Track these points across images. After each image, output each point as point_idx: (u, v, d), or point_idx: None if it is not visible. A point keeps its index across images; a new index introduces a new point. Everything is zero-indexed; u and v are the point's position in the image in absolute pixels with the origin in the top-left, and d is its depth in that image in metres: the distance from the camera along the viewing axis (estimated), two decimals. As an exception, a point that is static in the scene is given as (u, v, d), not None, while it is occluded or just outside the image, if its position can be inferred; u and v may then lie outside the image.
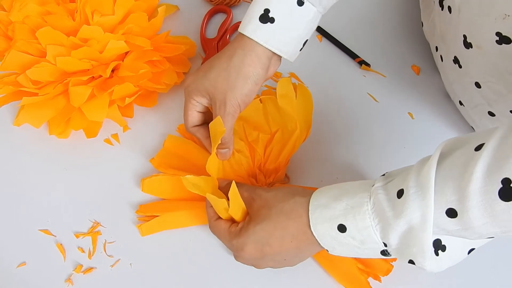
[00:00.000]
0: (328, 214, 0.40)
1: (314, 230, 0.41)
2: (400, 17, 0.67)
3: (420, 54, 0.64)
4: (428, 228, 0.35)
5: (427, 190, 0.35)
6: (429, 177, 0.35)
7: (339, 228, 0.39)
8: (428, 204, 0.35)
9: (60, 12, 0.57)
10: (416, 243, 0.36)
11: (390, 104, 0.60)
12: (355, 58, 0.63)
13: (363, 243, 0.39)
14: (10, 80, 0.56)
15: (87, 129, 0.57)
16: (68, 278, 0.51)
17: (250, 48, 0.46)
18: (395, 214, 0.36)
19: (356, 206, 0.39)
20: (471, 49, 0.47)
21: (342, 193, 0.41)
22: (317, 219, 0.41)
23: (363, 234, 0.39)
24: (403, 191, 0.36)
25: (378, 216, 0.38)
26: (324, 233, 0.41)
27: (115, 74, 0.58)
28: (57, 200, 0.55)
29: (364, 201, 0.39)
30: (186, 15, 0.67)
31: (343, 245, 0.40)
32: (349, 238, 0.39)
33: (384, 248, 0.39)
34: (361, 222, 0.38)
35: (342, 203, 0.40)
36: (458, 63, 0.51)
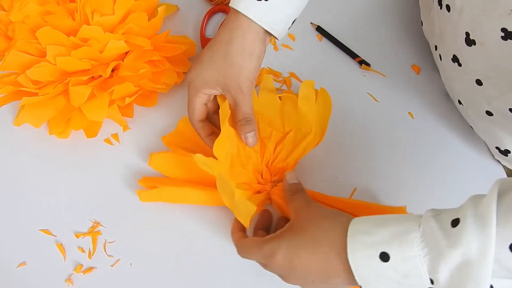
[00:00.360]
0: (370, 239, 0.36)
1: (350, 258, 0.37)
2: (400, 16, 0.67)
3: (420, 54, 0.64)
4: (488, 262, 0.31)
5: (488, 221, 0.32)
6: (490, 209, 0.32)
7: (381, 256, 0.35)
8: (489, 235, 0.31)
9: (60, 12, 0.57)
10: (472, 278, 0.32)
11: (390, 103, 0.60)
12: (355, 57, 0.63)
13: (406, 277, 0.35)
14: (10, 80, 0.56)
15: (87, 129, 0.57)
16: (68, 278, 0.51)
17: (246, 26, 0.47)
18: (448, 244, 0.33)
19: (403, 233, 0.35)
20: (473, 46, 0.47)
21: (387, 221, 0.37)
22: (356, 244, 0.37)
23: (407, 265, 0.35)
24: (459, 220, 0.33)
25: (428, 245, 0.34)
26: (362, 262, 0.36)
27: (115, 74, 0.58)
28: (57, 200, 0.55)
29: (412, 228, 0.35)
30: (186, 14, 0.67)
31: (381, 278, 0.36)
32: (391, 270, 0.35)
33: (430, 286, 0.35)
34: (408, 251, 0.34)
35: (387, 229, 0.36)
36: (458, 61, 0.51)
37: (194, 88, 0.49)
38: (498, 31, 0.43)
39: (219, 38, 0.48)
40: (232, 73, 0.47)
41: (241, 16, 0.47)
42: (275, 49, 0.64)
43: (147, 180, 0.54)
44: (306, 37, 0.65)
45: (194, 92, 0.50)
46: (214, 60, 0.48)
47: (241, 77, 0.48)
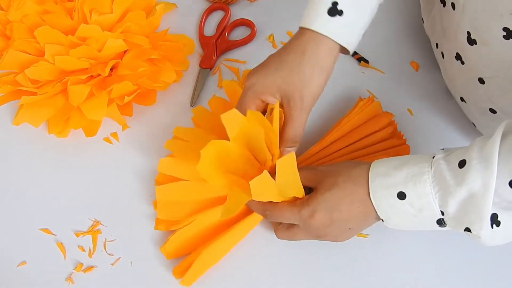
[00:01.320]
0: (388, 181, 0.42)
1: (373, 198, 0.42)
2: (398, 13, 0.67)
3: (418, 51, 0.64)
4: (489, 195, 0.36)
5: (491, 161, 0.36)
6: (493, 150, 0.37)
7: (398, 195, 0.41)
8: (491, 173, 0.36)
9: (58, 11, 0.57)
10: (475, 210, 0.37)
11: (389, 100, 0.60)
12: (354, 54, 0.63)
13: (420, 211, 0.40)
14: (8, 79, 0.56)
15: (86, 128, 0.57)
16: (69, 277, 0.51)
17: (321, 41, 0.45)
18: (456, 182, 0.38)
19: (417, 174, 0.40)
20: (475, 45, 0.47)
21: (402, 163, 0.42)
22: (377, 186, 0.42)
23: (422, 201, 0.40)
24: (465, 161, 0.38)
25: (438, 184, 0.39)
26: (382, 200, 0.42)
27: (114, 73, 0.58)
28: (57, 199, 0.55)
29: (425, 170, 0.40)
30: (184, 13, 0.67)
31: (399, 213, 0.41)
32: (407, 206, 0.41)
33: (441, 217, 0.40)
34: (421, 190, 0.40)
35: (403, 172, 0.41)
36: (461, 59, 0.51)
37: (253, 92, 0.47)
38: (500, 30, 0.43)
39: (290, 48, 0.46)
40: (298, 83, 0.45)
41: (314, 32, 0.45)
42: (273, 46, 0.64)
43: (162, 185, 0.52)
44: (304, 35, 0.65)
45: (252, 96, 0.47)
46: (282, 67, 0.46)
47: (306, 90, 0.46)
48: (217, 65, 0.63)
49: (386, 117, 0.57)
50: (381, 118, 0.57)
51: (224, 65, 0.63)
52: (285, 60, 0.46)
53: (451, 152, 0.41)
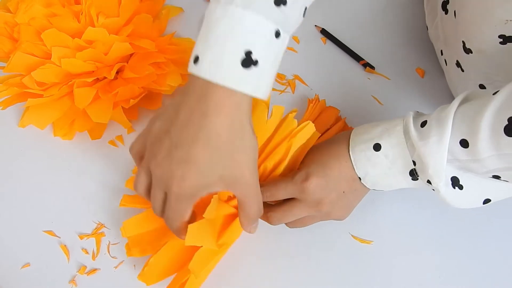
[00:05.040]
0: (366, 137, 0.45)
1: (351, 152, 0.46)
2: (404, 19, 0.67)
3: (424, 57, 0.64)
4: (443, 150, 0.41)
5: (446, 122, 0.41)
6: (449, 113, 0.41)
7: (374, 147, 0.44)
8: (445, 131, 0.40)
9: (66, 14, 0.58)
10: (431, 164, 0.41)
11: (395, 106, 0.60)
12: (360, 60, 0.63)
13: (394, 161, 0.44)
14: (15, 82, 0.56)
15: (92, 131, 0.57)
16: (72, 279, 0.51)
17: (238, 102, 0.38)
18: (418, 137, 0.42)
19: (391, 127, 0.45)
20: (471, 54, 0.47)
21: (381, 122, 0.46)
22: (355, 141, 0.46)
23: (394, 150, 0.44)
24: (426, 122, 0.42)
25: (407, 135, 0.43)
26: (360, 154, 0.45)
27: (120, 76, 0.58)
28: (61, 201, 0.55)
29: (398, 122, 0.45)
30: (191, 17, 0.67)
31: (375, 166, 0.45)
32: (382, 156, 0.44)
33: (413, 167, 0.44)
34: (395, 139, 0.44)
35: (379, 127, 0.45)
36: (460, 67, 0.51)
37: (191, 196, 0.40)
38: (495, 38, 0.44)
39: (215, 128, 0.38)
40: (241, 163, 0.40)
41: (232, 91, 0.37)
42: (279, 51, 0.64)
43: None
44: (310, 40, 0.65)
45: (190, 200, 0.41)
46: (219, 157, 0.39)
47: (250, 163, 0.40)
48: (222, 69, 0.63)
49: (333, 112, 0.58)
50: (329, 113, 0.58)
51: (229, 69, 0.63)
52: (216, 147, 0.38)
53: (419, 115, 0.45)
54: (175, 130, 0.40)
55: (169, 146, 0.40)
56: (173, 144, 0.39)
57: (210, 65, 0.37)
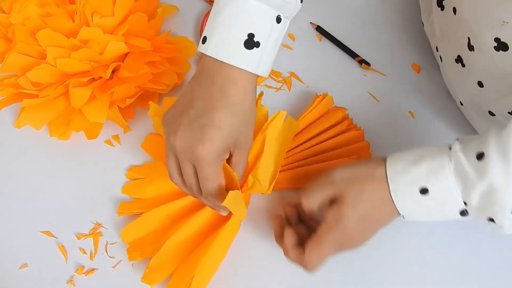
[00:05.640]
0: (408, 179, 0.41)
1: (394, 196, 0.42)
2: (400, 15, 0.67)
3: (420, 53, 0.64)
4: (510, 187, 0.37)
5: (509, 152, 0.37)
6: (510, 140, 0.37)
7: (421, 191, 0.41)
8: (510, 164, 0.37)
9: (60, 14, 0.57)
10: (497, 201, 0.38)
11: (391, 103, 0.60)
12: (355, 57, 0.63)
13: (443, 203, 0.41)
14: (10, 82, 0.56)
15: (88, 131, 0.57)
16: (70, 279, 0.51)
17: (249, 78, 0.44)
18: (477, 176, 0.38)
19: (438, 168, 0.40)
20: (473, 51, 0.47)
21: (419, 158, 0.42)
22: (396, 182, 0.42)
23: (444, 195, 0.40)
24: (484, 154, 0.38)
25: (460, 178, 0.39)
26: (405, 197, 0.41)
27: (115, 75, 0.58)
28: (59, 201, 0.55)
29: (445, 163, 0.40)
30: (186, 15, 0.67)
31: (422, 208, 0.41)
32: (430, 200, 0.41)
33: (464, 208, 0.40)
34: (444, 183, 0.40)
35: (422, 167, 0.41)
36: (462, 62, 0.51)
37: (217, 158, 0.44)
38: (491, 40, 0.44)
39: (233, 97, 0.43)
40: (249, 128, 0.45)
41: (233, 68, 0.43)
42: (275, 49, 0.64)
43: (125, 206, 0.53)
44: (306, 37, 0.65)
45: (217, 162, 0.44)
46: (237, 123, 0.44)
47: (252, 130, 0.46)
48: (218, 68, 0.63)
49: (339, 111, 0.57)
50: (334, 112, 0.57)
51: (225, 67, 0.63)
52: (235, 114, 0.43)
53: (467, 143, 0.40)
54: (193, 106, 0.43)
55: (188, 121, 0.43)
56: (192, 118, 0.43)
57: (216, 45, 0.42)
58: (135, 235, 0.51)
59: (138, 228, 0.51)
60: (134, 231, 0.51)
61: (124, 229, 0.51)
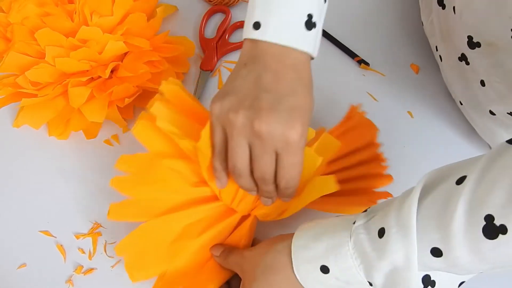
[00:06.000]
0: (309, 255, 0.39)
1: (297, 272, 0.39)
2: (398, 15, 0.67)
3: (419, 53, 0.64)
4: (413, 267, 0.34)
5: (409, 230, 0.34)
6: (410, 216, 0.34)
7: (321, 269, 0.38)
8: (411, 243, 0.34)
9: (59, 13, 0.57)
10: (402, 282, 0.36)
11: (390, 103, 0.60)
12: (354, 57, 0.63)
13: (348, 283, 0.38)
14: (9, 82, 0.56)
15: (87, 130, 0.57)
16: (69, 279, 0.51)
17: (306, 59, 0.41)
18: (377, 256, 0.36)
19: (337, 246, 0.38)
20: (477, 48, 0.47)
21: (323, 231, 0.39)
22: (298, 259, 0.39)
23: (346, 274, 0.38)
24: (384, 230, 0.36)
25: (360, 257, 0.37)
26: (307, 275, 0.39)
27: (114, 75, 0.58)
28: (57, 201, 0.55)
29: (344, 240, 0.37)
30: (185, 15, 0.67)
31: (328, 286, 0.39)
32: (333, 279, 0.38)
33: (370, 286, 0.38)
34: (343, 263, 0.37)
35: (323, 243, 0.39)
36: (466, 60, 0.51)
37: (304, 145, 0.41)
38: (508, 31, 0.42)
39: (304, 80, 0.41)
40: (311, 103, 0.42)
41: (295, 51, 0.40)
42: (274, 49, 0.64)
43: None
44: (305, 37, 0.65)
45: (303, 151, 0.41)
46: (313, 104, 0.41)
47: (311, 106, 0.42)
48: (217, 67, 0.63)
49: (371, 129, 0.52)
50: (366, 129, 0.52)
51: (224, 67, 0.63)
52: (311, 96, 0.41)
53: (373, 215, 0.38)
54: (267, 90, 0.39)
55: (268, 105, 0.38)
56: (271, 102, 0.38)
57: (275, 29, 0.39)
58: (133, 250, 0.47)
59: (137, 241, 0.47)
60: (131, 245, 0.47)
61: (119, 243, 0.47)
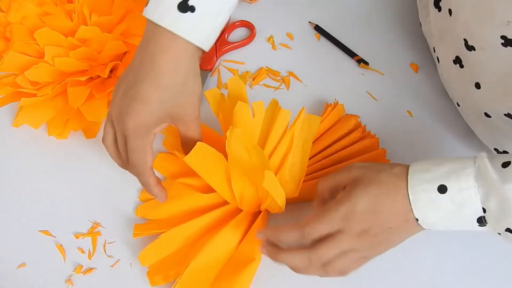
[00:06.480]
0: (428, 176, 0.40)
1: (410, 193, 0.40)
2: (398, 15, 0.67)
3: (418, 52, 0.64)
4: None
5: None
6: None
7: (439, 189, 0.39)
8: None
9: (58, 13, 0.57)
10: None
11: (389, 102, 0.60)
12: (354, 56, 0.63)
13: (461, 206, 0.39)
14: (8, 81, 0.56)
15: (86, 130, 0.57)
16: (68, 278, 0.51)
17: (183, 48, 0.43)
18: (501, 179, 0.37)
19: (460, 168, 0.39)
20: (473, 51, 0.47)
21: (444, 160, 0.41)
22: (416, 180, 0.40)
23: (463, 195, 0.38)
24: (510, 163, 0.37)
25: (482, 179, 0.38)
26: (421, 195, 0.40)
27: (114, 75, 0.58)
28: (57, 200, 0.55)
29: (468, 164, 0.39)
30: (184, 14, 0.67)
31: (438, 209, 0.39)
32: (448, 201, 0.39)
33: (482, 215, 0.38)
34: (464, 183, 0.38)
35: (444, 167, 0.40)
36: (460, 63, 0.51)
37: (145, 132, 0.44)
38: (497, 38, 0.43)
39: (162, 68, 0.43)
40: (187, 101, 0.45)
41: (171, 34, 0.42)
42: (273, 48, 0.64)
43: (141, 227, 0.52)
44: (304, 36, 0.65)
45: (145, 136, 0.45)
46: (167, 96, 0.43)
47: (195, 101, 0.45)
48: (216, 67, 0.63)
49: (352, 118, 0.56)
50: (347, 120, 0.56)
51: (224, 66, 0.63)
52: (168, 87, 0.43)
53: (494, 156, 0.40)
54: (128, 75, 0.45)
55: (122, 91, 0.45)
56: (125, 88, 0.44)
57: (153, 7, 0.42)
58: (155, 258, 0.49)
59: (158, 249, 0.50)
60: (154, 253, 0.49)
61: (142, 251, 0.49)
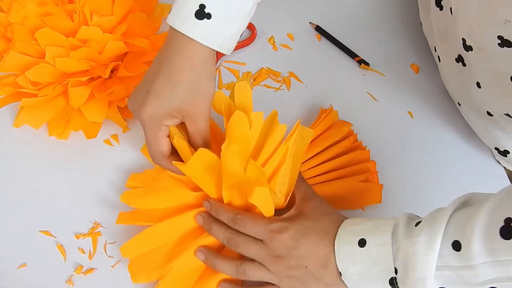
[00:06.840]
0: (355, 229, 0.42)
1: (336, 242, 0.42)
2: (398, 15, 0.67)
3: (419, 53, 0.64)
4: (432, 252, 0.37)
5: (439, 223, 0.37)
6: (444, 215, 0.38)
7: (359, 242, 0.41)
8: (437, 231, 0.37)
9: (59, 13, 0.57)
10: (418, 267, 0.37)
11: (390, 103, 0.60)
12: (354, 57, 0.63)
13: (375, 262, 0.40)
14: (9, 82, 0.56)
15: (87, 130, 0.57)
16: (69, 279, 0.51)
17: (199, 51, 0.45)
18: (406, 235, 0.39)
19: (383, 224, 0.41)
20: (471, 51, 0.47)
21: (377, 218, 0.43)
22: (343, 231, 0.43)
23: (378, 250, 0.40)
24: (420, 222, 0.39)
25: (394, 237, 0.40)
26: (344, 247, 0.42)
27: (114, 75, 0.58)
28: (57, 201, 0.55)
29: (390, 222, 0.41)
30: (185, 15, 0.67)
31: (355, 263, 0.41)
32: (364, 255, 0.40)
33: (393, 276, 0.39)
34: (380, 239, 0.40)
35: (372, 222, 0.42)
36: (462, 61, 0.51)
37: (155, 123, 0.47)
38: (495, 38, 0.44)
39: (177, 66, 0.45)
40: (198, 99, 0.46)
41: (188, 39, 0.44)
42: (274, 48, 0.64)
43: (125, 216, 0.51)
44: (305, 37, 0.65)
45: (155, 127, 0.47)
46: (178, 91, 0.45)
47: (206, 102, 0.47)
48: (217, 67, 0.63)
49: (345, 126, 0.56)
50: (340, 127, 0.56)
51: (224, 67, 0.63)
52: (180, 83, 0.45)
53: (417, 217, 0.41)
54: (149, 71, 0.48)
55: (142, 83, 0.48)
56: (146, 81, 0.47)
57: (174, 14, 0.45)
58: (137, 251, 0.49)
59: (141, 244, 0.49)
60: (136, 247, 0.49)
61: (125, 243, 0.49)
